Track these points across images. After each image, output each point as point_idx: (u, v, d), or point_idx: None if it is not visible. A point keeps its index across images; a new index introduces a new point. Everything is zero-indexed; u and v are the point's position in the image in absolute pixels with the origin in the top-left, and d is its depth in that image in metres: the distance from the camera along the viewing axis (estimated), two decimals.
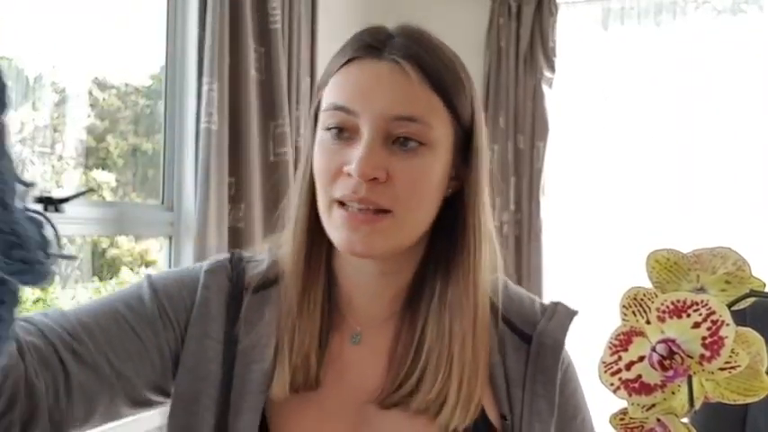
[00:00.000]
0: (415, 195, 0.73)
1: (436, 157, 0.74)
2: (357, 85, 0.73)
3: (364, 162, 0.70)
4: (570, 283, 2.79)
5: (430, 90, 0.73)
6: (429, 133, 0.72)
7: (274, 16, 2.06)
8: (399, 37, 0.75)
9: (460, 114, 0.75)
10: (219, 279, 0.81)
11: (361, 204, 0.71)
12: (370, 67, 0.73)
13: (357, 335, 0.81)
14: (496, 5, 2.87)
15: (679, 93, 2.74)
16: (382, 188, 0.71)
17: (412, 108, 0.71)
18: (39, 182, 1.85)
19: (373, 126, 0.71)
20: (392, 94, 0.71)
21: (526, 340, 0.81)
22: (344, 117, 0.72)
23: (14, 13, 1.68)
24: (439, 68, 0.74)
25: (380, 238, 0.72)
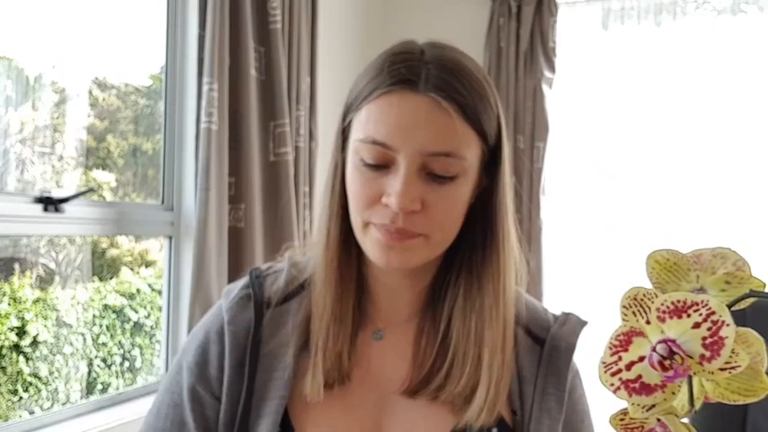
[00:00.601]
0: (448, 220, 0.78)
1: (467, 181, 0.78)
2: (396, 122, 0.74)
3: (403, 196, 0.73)
4: (570, 284, 2.79)
5: (465, 123, 0.75)
6: (462, 164, 0.75)
7: (274, 16, 2.06)
8: (434, 66, 0.76)
9: (488, 135, 0.78)
10: (241, 313, 0.85)
11: (398, 233, 0.76)
12: (408, 101, 0.75)
13: (379, 332, 0.86)
14: (496, 5, 2.87)
15: (679, 93, 2.74)
16: (418, 217, 0.75)
17: (449, 144, 0.74)
18: (39, 182, 1.85)
19: (411, 161, 0.74)
20: (430, 131, 0.74)
21: (539, 343, 0.85)
22: (383, 153, 0.75)
23: (14, 12, 1.68)
24: (474, 100, 0.76)
25: (414, 255, 0.77)
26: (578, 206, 2.85)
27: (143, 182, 2.20)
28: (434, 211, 0.75)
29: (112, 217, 1.83)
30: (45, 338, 1.96)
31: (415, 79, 0.75)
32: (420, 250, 0.77)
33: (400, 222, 0.75)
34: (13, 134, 1.79)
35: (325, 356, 0.80)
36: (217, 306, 0.88)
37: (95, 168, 2.03)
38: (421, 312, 0.86)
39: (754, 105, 2.63)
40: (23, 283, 1.96)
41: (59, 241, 2.03)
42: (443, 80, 0.75)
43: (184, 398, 0.84)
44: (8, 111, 1.77)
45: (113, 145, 2.10)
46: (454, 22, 3.01)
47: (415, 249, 0.77)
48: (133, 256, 2.25)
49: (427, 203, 0.75)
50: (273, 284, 0.87)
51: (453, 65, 0.77)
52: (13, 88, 1.77)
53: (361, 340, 0.85)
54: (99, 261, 2.17)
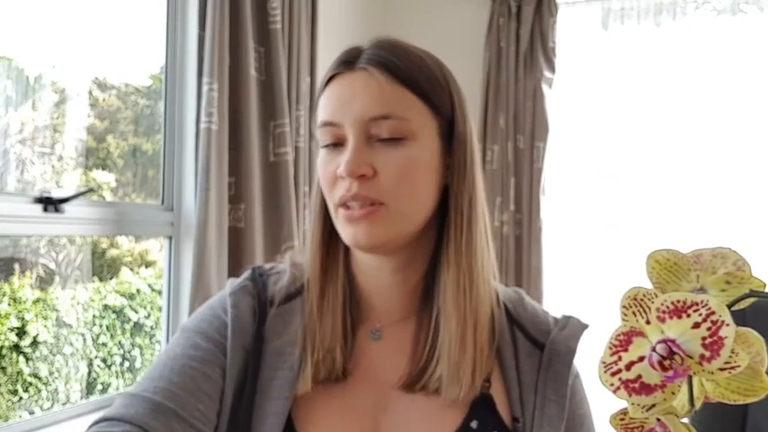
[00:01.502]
0: (403, 184, 0.78)
1: (421, 146, 0.80)
2: (337, 99, 0.81)
3: (350, 162, 0.77)
4: (570, 284, 2.80)
5: (401, 87, 0.79)
6: (407, 126, 0.78)
7: (274, 16, 2.06)
8: (371, 48, 0.82)
9: (439, 105, 0.81)
10: (245, 298, 0.86)
11: (356, 201, 0.78)
12: (346, 79, 0.81)
13: (376, 331, 0.87)
14: (496, 6, 2.87)
15: (679, 93, 2.74)
16: (371, 183, 0.78)
17: (385, 107, 0.78)
18: (39, 182, 1.85)
19: (355, 130, 0.78)
20: (365, 98, 0.78)
21: (539, 347, 0.85)
22: (333, 131, 0.80)
23: (14, 12, 1.68)
24: (408, 67, 0.80)
25: (379, 228, 0.78)
26: (578, 206, 2.85)
27: (143, 182, 2.20)
28: (386, 175, 0.78)
29: (112, 217, 1.83)
30: (45, 339, 1.96)
31: (352, 61, 0.81)
32: (384, 222, 0.78)
33: (354, 188, 0.77)
34: (13, 134, 1.79)
35: (314, 349, 0.82)
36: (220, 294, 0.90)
37: (95, 168, 2.03)
38: (418, 311, 0.86)
39: (754, 105, 2.63)
40: (23, 284, 1.96)
41: (59, 241, 2.03)
42: (378, 55, 0.80)
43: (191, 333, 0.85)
44: (8, 111, 1.77)
45: (113, 145, 2.10)
46: (454, 22, 3.01)
47: (380, 222, 0.78)
48: (133, 256, 2.25)
49: (379, 168, 0.78)
50: (277, 284, 0.88)
51: (391, 44, 0.82)
52: (13, 88, 1.77)
53: (360, 340, 0.86)
54: (99, 261, 2.17)
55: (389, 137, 0.78)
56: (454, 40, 3.01)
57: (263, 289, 0.88)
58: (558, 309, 2.76)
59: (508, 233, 2.79)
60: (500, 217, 2.81)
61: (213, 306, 0.88)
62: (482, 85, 2.88)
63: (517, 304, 0.89)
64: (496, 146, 2.83)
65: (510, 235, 2.79)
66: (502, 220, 2.80)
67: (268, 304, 0.87)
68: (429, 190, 0.82)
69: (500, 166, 2.83)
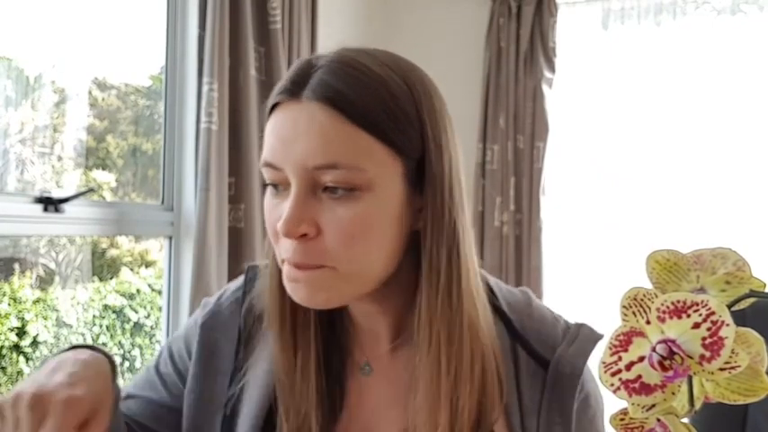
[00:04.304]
0: (351, 246, 0.66)
1: (378, 197, 0.67)
2: (277, 137, 0.67)
3: (287, 221, 0.65)
4: (570, 284, 2.79)
5: (354, 129, 0.65)
6: (359, 177, 0.65)
7: (274, 16, 2.06)
8: (323, 70, 0.67)
9: (403, 144, 0.68)
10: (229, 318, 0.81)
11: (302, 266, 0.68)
12: (289, 113, 0.67)
13: (366, 366, 0.78)
14: (496, 6, 2.87)
15: (679, 93, 2.74)
16: (313, 244, 0.66)
17: (332, 155, 0.64)
18: (39, 182, 1.85)
19: (297, 179, 0.66)
20: (308, 142, 0.65)
21: (543, 365, 0.75)
22: (273, 173, 0.68)
23: (14, 12, 1.68)
24: (363, 102, 0.65)
25: (324, 289, 0.68)
26: (578, 206, 2.85)
27: (143, 182, 2.20)
28: (334, 236, 0.66)
29: (112, 217, 1.83)
30: (45, 339, 1.96)
31: (298, 89, 0.67)
32: (331, 284, 0.67)
33: (296, 256, 0.66)
34: (12, 134, 1.79)
35: (288, 417, 0.74)
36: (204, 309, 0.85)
37: (95, 168, 2.03)
38: (407, 341, 0.76)
39: (754, 105, 2.63)
40: (23, 284, 1.96)
41: (59, 241, 2.03)
42: (328, 84, 0.66)
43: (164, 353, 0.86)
44: (8, 111, 1.77)
45: (113, 145, 2.10)
46: (454, 23, 3.01)
47: (323, 283, 0.67)
48: (133, 256, 2.25)
49: (324, 226, 0.66)
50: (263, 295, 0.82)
51: (347, 67, 0.67)
52: (12, 88, 1.77)
53: (352, 374, 0.78)
54: (99, 261, 2.17)
55: (338, 187, 0.65)
56: (454, 40, 3.01)
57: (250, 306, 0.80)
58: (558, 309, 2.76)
59: (508, 233, 2.79)
60: (500, 217, 2.81)
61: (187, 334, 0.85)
62: (482, 85, 2.88)
63: (523, 314, 0.79)
64: (496, 146, 2.83)
65: (510, 235, 2.79)
66: (502, 220, 2.80)
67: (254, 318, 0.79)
68: (390, 243, 0.69)
69: (500, 166, 2.83)
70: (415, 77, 0.71)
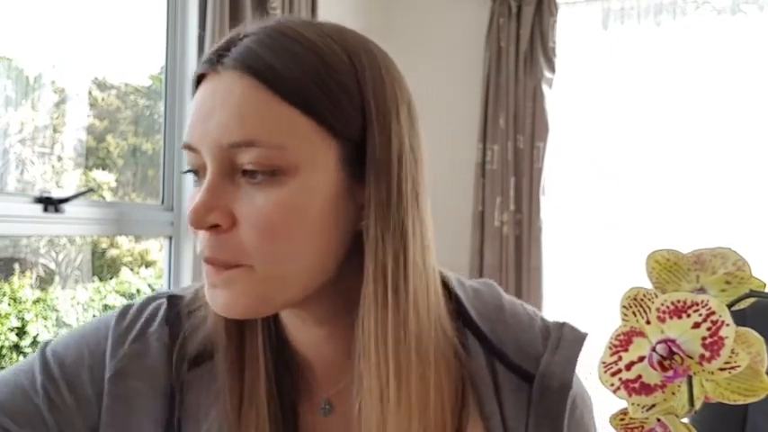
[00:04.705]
0: (271, 241, 0.56)
1: (304, 184, 0.56)
2: (195, 114, 0.58)
3: (196, 209, 0.55)
4: (570, 284, 2.79)
5: (278, 102, 0.56)
6: (282, 157, 0.55)
7: (274, 16, 2.06)
8: (249, 39, 0.58)
9: (338, 124, 0.58)
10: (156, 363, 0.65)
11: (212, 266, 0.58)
12: (209, 84, 0.58)
13: (326, 404, 0.67)
14: (496, 6, 2.87)
15: (679, 92, 2.74)
16: (227, 238, 0.56)
17: (250, 130, 0.55)
18: (39, 182, 1.85)
19: (212, 160, 0.56)
20: (224, 115, 0.56)
21: (527, 379, 0.67)
22: (191, 156, 0.59)
23: (14, 12, 1.69)
24: (291, 72, 0.56)
25: (240, 294, 0.57)
26: (578, 206, 2.85)
27: (143, 182, 2.20)
28: (249, 228, 0.56)
29: (112, 217, 1.83)
30: (45, 339, 1.96)
31: (219, 58, 0.58)
32: (251, 287, 0.57)
33: (207, 251, 0.57)
34: (12, 134, 1.80)
35: None
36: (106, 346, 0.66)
37: (95, 168, 2.03)
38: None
39: (754, 105, 2.63)
40: (23, 284, 1.96)
41: (59, 241, 2.03)
42: (251, 51, 0.57)
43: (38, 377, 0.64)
44: (8, 111, 1.77)
45: (113, 145, 2.10)
46: (454, 22, 3.01)
47: (242, 287, 0.57)
48: (133, 256, 2.25)
49: (239, 216, 0.56)
50: (195, 333, 0.66)
51: (278, 34, 0.58)
52: (12, 88, 1.77)
53: (308, 415, 0.67)
54: (99, 261, 2.17)
55: (256, 171, 0.55)
56: (454, 40, 3.01)
57: (178, 341, 0.66)
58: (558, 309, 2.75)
59: (508, 233, 2.79)
60: (500, 217, 2.81)
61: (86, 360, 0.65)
62: (482, 85, 2.88)
63: (497, 323, 0.68)
64: (496, 146, 2.83)
65: (510, 235, 2.79)
66: (502, 220, 2.80)
67: (185, 366, 0.65)
68: (322, 242, 0.58)
69: (500, 166, 2.83)
70: (362, 50, 0.60)
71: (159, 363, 0.65)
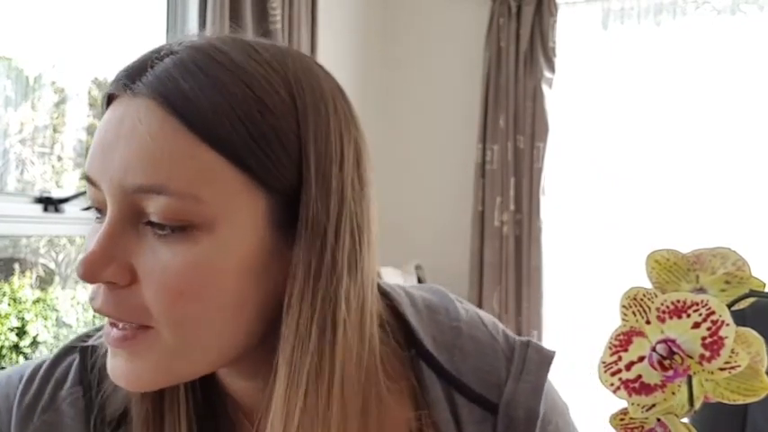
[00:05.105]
0: (176, 303, 0.47)
1: (221, 243, 0.48)
2: (98, 143, 0.49)
3: (88, 259, 0.47)
4: (570, 284, 2.80)
5: (196, 142, 0.47)
6: (196, 210, 0.47)
7: (274, 16, 2.07)
8: (169, 60, 0.49)
9: (267, 174, 0.49)
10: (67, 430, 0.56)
11: (110, 317, 0.49)
12: (117, 111, 0.49)
13: None
14: (496, 6, 2.87)
15: (679, 92, 2.74)
16: (126, 295, 0.48)
17: (158, 174, 0.46)
18: (39, 182, 1.85)
19: (113, 202, 0.48)
20: (130, 151, 0.47)
21: (490, 409, 0.60)
22: (92, 190, 0.50)
23: (14, 12, 1.69)
24: (215, 107, 0.47)
25: (143, 364, 0.49)
26: (578, 206, 2.85)
27: None
28: (153, 287, 0.47)
29: None
30: (45, 339, 1.96)
31: (132, 78, 0.49)
32: (152, 359, 0.49)
33: (98, 301, 0.48)
34: (12, 134, 1.80)
35: None
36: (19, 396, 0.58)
37: None
38: None
39: (754, 105, 2.63)
40: (23, 284, 1.97)
41: (59, 241, 2.03)
42: (169, 76, 0.48)
43: None
44: (8, 111, 1.77)
45: None
46: (454, 23, 3.01)
47: (144, 358, 0.48)
48: None
49: (141, 274, 0.48)
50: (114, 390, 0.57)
51: (205, 57, 0.49)
52: (12, 88, 1.77)
53: None
54: None
55: (164, 224, 0.47)
56: (454, 40, 3.01)
57: (97, 401, 0.57)
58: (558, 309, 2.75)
59: (508, 233, 2.79)
60: (500, 217, 2.81)
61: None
62: (482, 85, 2.88)
63: (454, 350, 0.62)
64: (496, 146, 2.83)
65: (510, 235, 2.79)
66: (502, 220, 2.80)
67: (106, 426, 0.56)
68: (242, 310, 0.50)
69: (500, 166, 2.83)
70: (306, 84, 0.51)
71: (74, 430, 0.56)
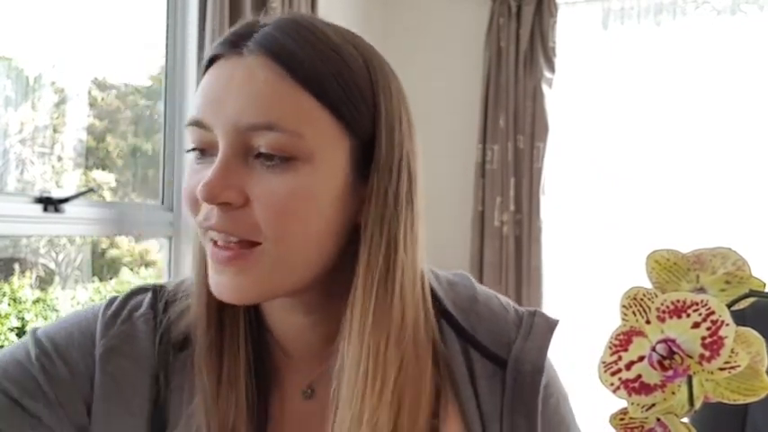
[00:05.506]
0: (285, 222, 0.58)
1: (317, 173, 0.58)
2: (210, 93, 0.59)
3: (209, 184, 0.56)
4: (570, 284, 2.80)
5: (297, 89, 0.58)
6: (298, 144, 0.57)
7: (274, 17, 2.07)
8: (270, 27, 0.60)
9: (352, 119, 0.60)
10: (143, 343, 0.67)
11: (220, 235, 0.59)
12: (226, 68, 0.60)
13: (308, 389, 0.69)
14: (496, 5, 2.87)
15: (679, 92, 2.74)
16: (239, 214, 0.58)
17: (269, 113, 0.57)
18: (39, 182, 1.85)
19: (227, 140, 0.58)
20: (244, 97, 0.57)
21: (501, 365, 0.69)
22: (201, 134, 0.60)
23: (14, 12, 1.69)
24: (312, 62, 0.58)
25: (248, 278, 0.59)
26: (578, 206, 2.85)
27: (143, 182, 2.21)
28: (263, 208, 0.57)
29: (112, 217, 1.84)
30: None
31: (240, 41, 0.60)
32: (259, 270, 0.58)
33: (213, 219, 0.58)
34: (12, 134, 1.80)
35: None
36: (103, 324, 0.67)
37: (95, 168, 2.03)
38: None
39: (754, 105, 2.64)
40: (23, 284, 1.97)
41: (59, 241, 2.03)
42: (275, 39, 0.59)
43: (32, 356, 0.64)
44: (8, 111, 1.77)
45: (113, 145, 2.10)
46: (454, 22, 3.01)
47: (247, 272, 0.58)
48: (133, 256, 2.25)
49: (253, 196, 0.57)
50: (180, 320, 0.68)
51: (300, 26, 0.60)
52: (12, 88, 1.77)
53: (280, 401, 0.69)
54: (99, 261, 2.17)
55: (273, 155, 0.57)
56: (454, 40, 3.01)
57: (164, 326, 0.67)
58: (558, 309, 2.75)
59: (508, 233, 2.79)
60: (500, 217, 2.81)
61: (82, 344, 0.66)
62: (482, 85, 2.88)
63: (471, 313, 0.72)
64: (496, 146, 2.84)
65: (510, 235, 2.79)
66: (502, 220, 2.81)
67: (171, 350, 0.67)
68: (327, 228, 0.61)
69: (500, 166, 2.84)
70: (373, 57, 0.64)
71: (146, 345, 0.66)
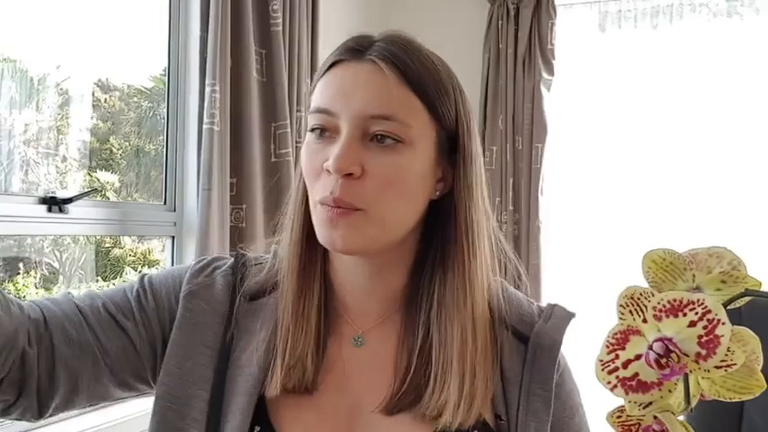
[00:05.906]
0: (389, 191, 0.74)
1: (415, 155, 0.75)
2: (337, 87, 0.76)
3: (340, 157, 0.72)
4: (568, 283, 2.80)
5: (407, 90, 0.74)
6: (406, 131, 0.74)
7: (275, 18, 2.07)
8: (383, 41, 0.77)
9: (442, 116, 0.77)
10: (220, 294, 0.83)
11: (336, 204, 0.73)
12: (351, 68, 0.76)
13: (359, 337, 0.82)
14: (495, 8, 2.88)
15: (676, 95, 2.75)
16: (355, 184, 0.73)
17: (388, 107, 0.73)
18: (43, 182, 1.85)
19: (351, 124, 0.73)
20: (369, 93, 0.74)
21: (523, 341, 0.82)
22: (326, 118, 0.75)
23: (19, 14, 1.69)
24: (418, 70, 0.75)
25: (355, 233, 0.73)
26: (576, 207, 2.86)
27: (146, 182, 2.21)
28: (373, 178, 0.73)
29: (116, 217, 1.84)
30: None
31: (361, 50, 0.76)
32: (363, 228, 0.73)
33: (337, 192, 0.72)
34: (17, 135, 1.80)
35: (286, 353, 0.77)
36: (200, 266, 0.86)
37: (99, 169, 2.03)
38: (400, 314, 0.82)
39: (751, 107, 2.64)
40: (28, 283, 1.97)
41: (63, 241, 2.03)
42: (389, 50, 0.75)
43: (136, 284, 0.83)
44: (12, 112, 1.78)
45: (116, 146, 2.11)
46: (453, 24, 3.02)
47: (358, 227, 0.73)
48: (136, 256, 2.26)
49: (367, 169, 0.73)
50: (255, 277, 0.84)
51: (405, 42, 0.77)
52: (17, 90, 1.78)
53: (336, 347, 0.82)
54: (102, 261, 2.17)
55: (386, 135, 0.73)
56: (453, 41, 3.01)
57: (240, 281, 0.84)
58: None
59: (507, 233, 2.80)
60: (499, 217, 2.81)
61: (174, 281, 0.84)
62: (481, 87, 2.89)
63: (501, 297, 0.85)
64: (495, 147, 2.84)
65: (508, 235, 2.80)
66: (501, 220, 2.81)
67: (242, 299, 0.83)
68: (417, 199, 0.77)
69: (499, 166, 2.84)
70: (452, 71, 0.81)
71: (222, 293, 0.83)
